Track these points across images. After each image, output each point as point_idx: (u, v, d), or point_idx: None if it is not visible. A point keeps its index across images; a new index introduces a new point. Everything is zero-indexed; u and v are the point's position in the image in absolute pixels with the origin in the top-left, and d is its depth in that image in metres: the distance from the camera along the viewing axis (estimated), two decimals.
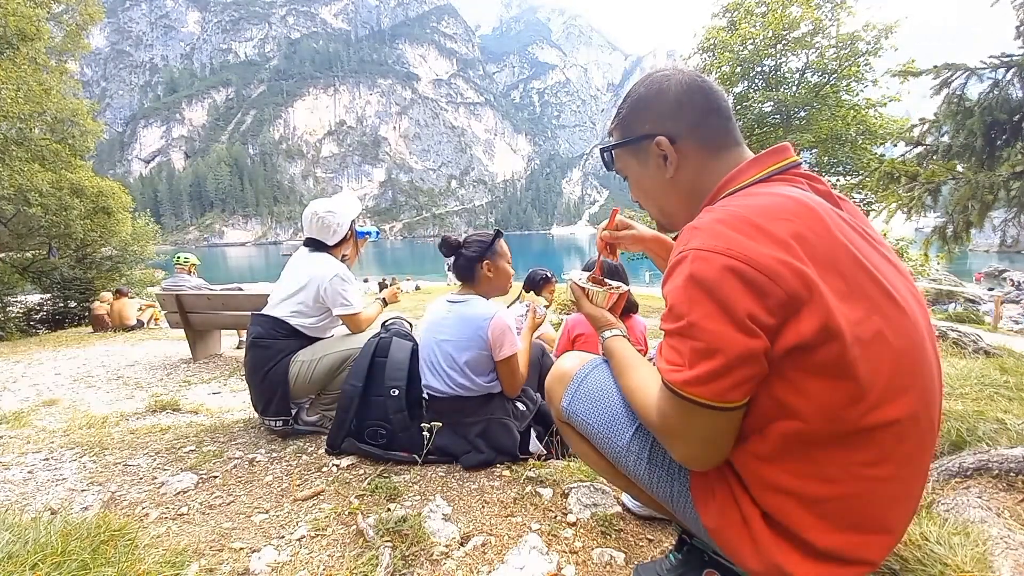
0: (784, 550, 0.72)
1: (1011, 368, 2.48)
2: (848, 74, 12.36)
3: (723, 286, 0.64)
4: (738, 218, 0.68)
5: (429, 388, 1.84)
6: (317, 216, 2.25)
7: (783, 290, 0.62)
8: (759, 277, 0.63)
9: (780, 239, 0.65)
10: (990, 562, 0.97)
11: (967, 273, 29.22)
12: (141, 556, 1.16)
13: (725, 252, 0.65)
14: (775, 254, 0.63)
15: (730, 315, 0.63)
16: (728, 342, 0.63)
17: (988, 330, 9.74)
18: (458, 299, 1.82)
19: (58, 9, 11.60)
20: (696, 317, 0.66)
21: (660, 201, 0.92)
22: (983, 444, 1.50)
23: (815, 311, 0.63)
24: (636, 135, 0.88)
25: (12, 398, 3.57)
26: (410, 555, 1.22)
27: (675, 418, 0.72)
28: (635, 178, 0.93)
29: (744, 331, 0.63)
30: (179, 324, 4.91)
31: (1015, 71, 4.18)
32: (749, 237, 0.65)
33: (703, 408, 0.67)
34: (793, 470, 0.71)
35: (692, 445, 0.73)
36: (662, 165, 0.87)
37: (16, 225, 10.30)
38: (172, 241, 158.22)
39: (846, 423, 0.66)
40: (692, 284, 0.66)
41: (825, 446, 0.68)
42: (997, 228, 4.99)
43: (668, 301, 0.70)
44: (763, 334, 0.64)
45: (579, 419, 1.00)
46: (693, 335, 0.66)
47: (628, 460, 0.93)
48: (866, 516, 0.69)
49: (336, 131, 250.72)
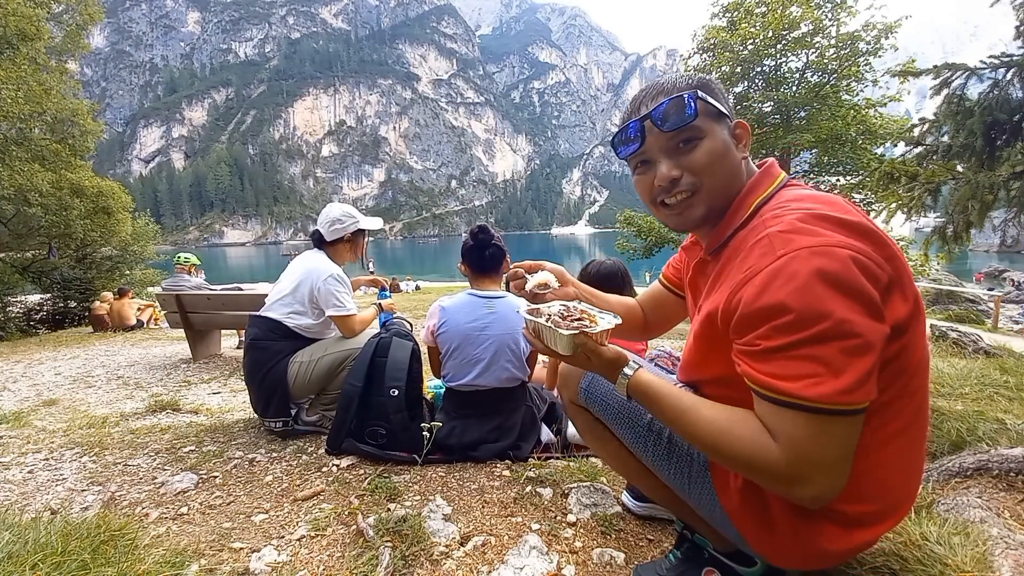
0: (809, 527, 0.74)
1: (1011, 368, 2.48)
2: (848, 74, 12.36)
3: (855, 277, 0.61)
4: (818, 216, 0.67)
5: (471, 385, 1.88)
6: (330, 208, 2.31)
7: (886, 274, 0.65)
8: (870, 265, 0.63)
9: (862, 229, 0.66)
10: (990, 562, 0.97)
11: (967, 273, 29.22)
12: (141, 556, 1.16)
13: (840, 244, 0.63)
14: (867, 245, 0.65)
15: (869, 305, 0.61)
16: (876, 334, 0.61)
17: (988, 330, 9.75)
18: (494, 294, 1.92)
19: (58, 9, 11.59)
20: (842, 313, 0.60)
21: (731, 178, 0.83)
22: (983, 444, 1.50)
23: (902, 291, 0.67)
24: (726, 109, 0.83)
25: (12, 398, 3.57)
26: (410, 555, 1.22)
27: (813, 443, 0.62)
28: (713, 145, 0.80)
29: (879, 318, 0.62)
30: (179, 324, 4.91)
31: (1015, 71, 4.18)
32: (843, 231, 0.65)
33: (846, 417, 0.61)
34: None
35: (833, 470, 0.64)
36: (731, 142, 0.83)
37: (16, 225, 10.30)
38: (172, 241, 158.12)
39: (891, 392, 0.69)
40: (821, 281, 0.61)
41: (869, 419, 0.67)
42: (997, 228, 5.00)
43: (785, 307, 0.62)
44: (887, 320, 0.65)
45: (598, 400, 1.01)
46: (842, 334, 0.60)
47: (648, 441, 0.93)
48: (892, 483, 0.73)
49: (336, 131, 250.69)
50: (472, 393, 1.90)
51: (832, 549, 0.73)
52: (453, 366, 1.90)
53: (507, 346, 1.89)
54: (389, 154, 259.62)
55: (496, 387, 1.90)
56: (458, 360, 1.88)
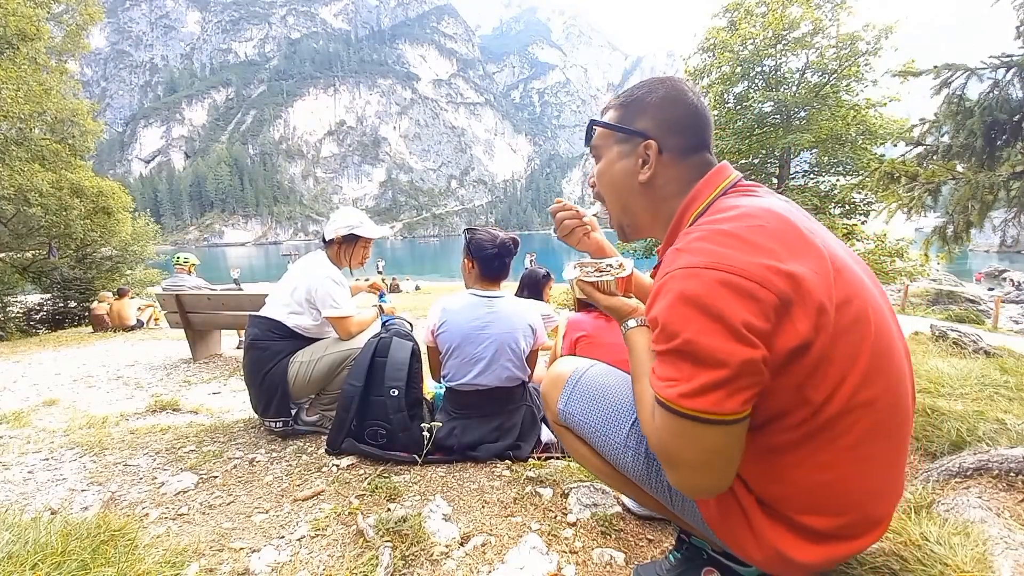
0: (783, 536, 0.75)
1: (1011, 368, 2.48)
2: (848, 74, 12.37)
3: (716, 299, 0.64)
4: (717, 233, 0.70)
5: (472, 384, 1.88)
6: (337, 211, 2.33)
7: (773, 294, 0.64)
8: (749, 285, 0.64)
9: (760, 246, 0.67)
10: (990, 562, 0.97)
11: (967, 273, 29.24)
12: (141, 556, 1.16)
13: (712, 266, 0.66)
14: (760, 260, 0.65)
15: (726, 327, 0.63)
16: (728, 354, 0.63)
17: (988, 330, 9.75)
18: (494, 294, 1.93)
19: (58, 9, 11.59)
20: (691, 334, 0.65)
21: (625, 198, 0.92)
22: (983, 444, 1.50)
23: (806, 308, 0.65)
24: (633, 127, 0.87)
25: (12, 398, 3.57)
26: (410, 555, 1.22)
27: (671, 438, 0.69)
28: (606, 166, 0.92)
29: (742, 341, 0.63)
30: (179, 324, 4.91)
31: (1015, 71, 4.18)
32: (733, 248, 0.67)
33: (702, 424, 0.66)
34: (791, 461, 0.73)
35: (696, 471, 0.70)
36: (638, 166, 0.87)
37: (16, 225, 10.31)
38: (172, 241, 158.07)
39: (835, 406, 0.69)
40: (683, 302, 0.66)
41: (816, 433, 0.70)
42: (997, 228, 5.00)
43: (659, 322, 0.69)
44: (760, 342, 0.64)
45: (576, 420, 1.01)
46: (691, 351, 0.65)
47: (626, 457, 0.94)
48: (855, 497, 0.73)
49: (336, 131, 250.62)
50: (472, 393, 1.90)
51: (800, 560, 0.74)
52: (454, 365, 1.90)
53: (507, 345, 1.89)
54: (389, 154, 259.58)
55: (497, 387, 1.90)
56: (459, 359, 1.88)
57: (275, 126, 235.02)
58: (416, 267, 57.11)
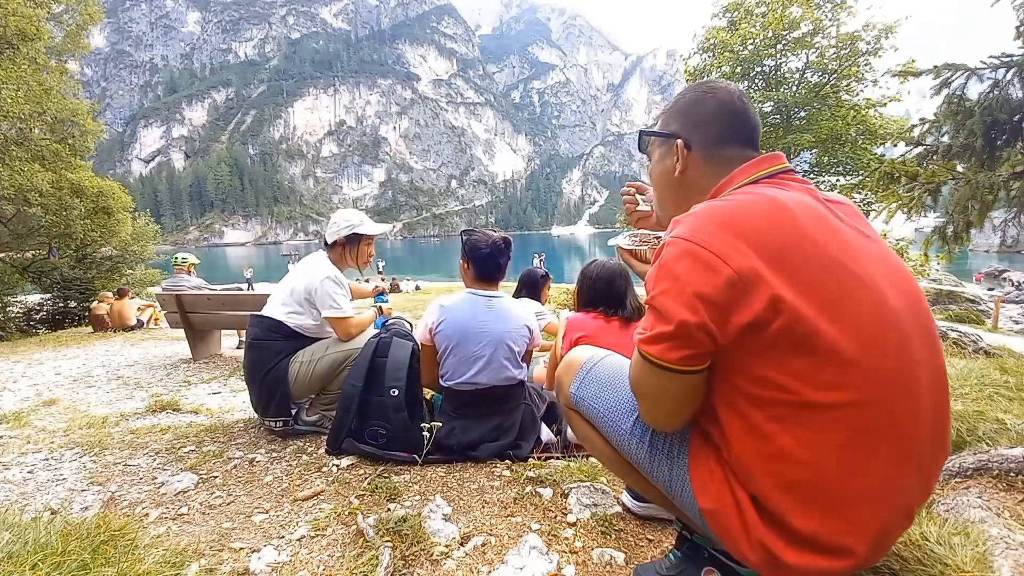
0: (772, 535, 0.75)
1: (1011, 368, 2.48)
2: (848, 74, 12.37)
3: (677, 266, 0.75)
4: (708, 212, 0.78)
5: (471, 383, 1.88)
6: (337, 212, 2.36)
7: (732, 269, 0.70)
8: (710, 257, 0.72)
9: (737, 229, 0.73)
10: (990, 562, 0.97)
11: (967, 273, 29.23)
12: (141, 556, 1.16)
13: (687, 238, 0.75)
14: (729, 240, 0.72)
15: (679, 291, 0.73)
16: (673, 312, 0.73)
17: (988, 330, 9.76)
18: (493, 294, 1.95)
19: (58, 9, 11.60)
20: (656, 292, 0.77)
21: (661, 191, 1.05)
22: (983, 444, 1.50)
23: (764, 290, 0.70)
24: (666, 130, 1.00)
25: (12, 398, 3.57)
26: (410, 555, 1.22)
27: (637, 373, 0.84)
28: (653, 167, 1.06)
29: (685, 305, 0.72)
30: (179, 324, 4.91)
31: (1015, 71, 4.18)
32: (709, 223, 0.76)
33: (655, 367, 0.78)
34: (771, 451, 0.74)
35: (650, 403, 0.85)
36: (674, 164, 0.97)
37: (16, 225, 10.32)
38: (172, 241, 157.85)
39: (805, 397, 0.71)
40: (659, 266, 0.79)
41: (794, 427, 0.73)
42: (997, 228, 5.00)
43: (648, 279, 0.83)
44: (704, 311, 0.71)
45: (586, 404, 1.05)
46: (654, 306, 0.78)
47: (631, 443, 0.97)
48: (838, 496, 0.72)
49: (336, 131, 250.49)
50: (471, 392, 1.91)
51: (790, 562, 0.73)
52: (452, 364, 1.90)
53: (505, 344, 1.91)
54: (389, 154, 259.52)
55: (495, 385, 1.91)
56: (457, 358, 1.89)
57: (275, 126, 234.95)
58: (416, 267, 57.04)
